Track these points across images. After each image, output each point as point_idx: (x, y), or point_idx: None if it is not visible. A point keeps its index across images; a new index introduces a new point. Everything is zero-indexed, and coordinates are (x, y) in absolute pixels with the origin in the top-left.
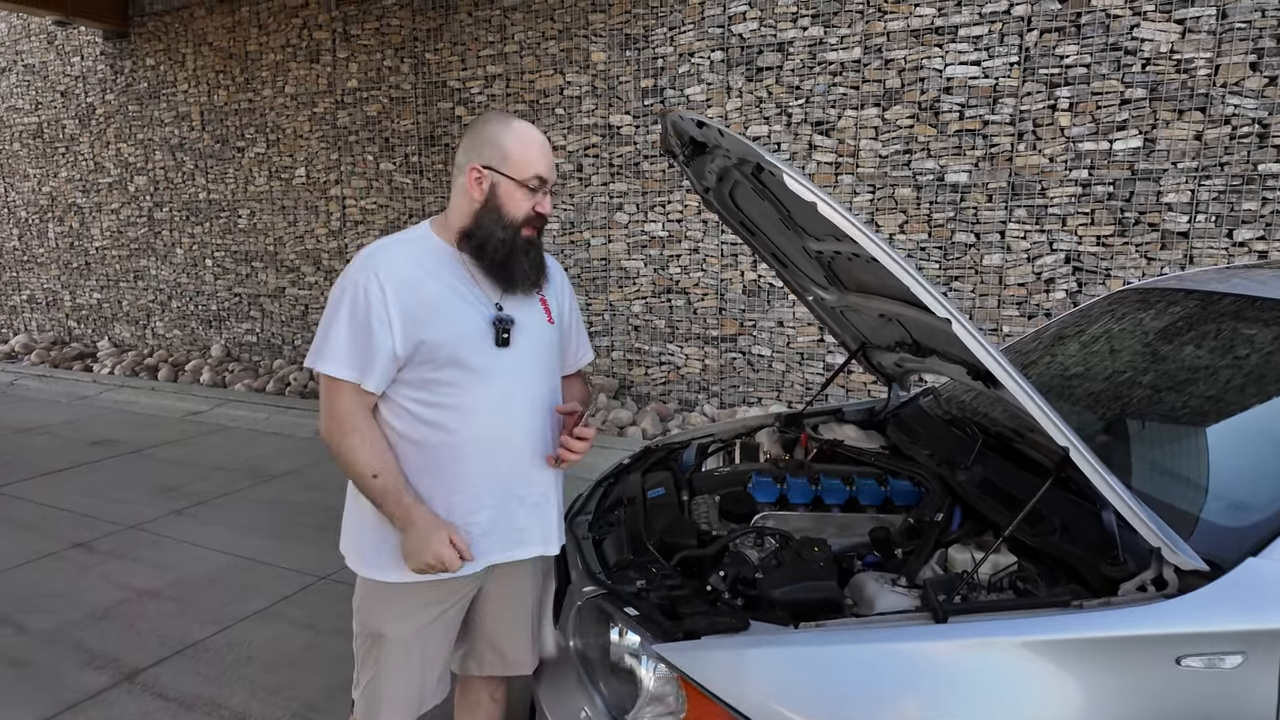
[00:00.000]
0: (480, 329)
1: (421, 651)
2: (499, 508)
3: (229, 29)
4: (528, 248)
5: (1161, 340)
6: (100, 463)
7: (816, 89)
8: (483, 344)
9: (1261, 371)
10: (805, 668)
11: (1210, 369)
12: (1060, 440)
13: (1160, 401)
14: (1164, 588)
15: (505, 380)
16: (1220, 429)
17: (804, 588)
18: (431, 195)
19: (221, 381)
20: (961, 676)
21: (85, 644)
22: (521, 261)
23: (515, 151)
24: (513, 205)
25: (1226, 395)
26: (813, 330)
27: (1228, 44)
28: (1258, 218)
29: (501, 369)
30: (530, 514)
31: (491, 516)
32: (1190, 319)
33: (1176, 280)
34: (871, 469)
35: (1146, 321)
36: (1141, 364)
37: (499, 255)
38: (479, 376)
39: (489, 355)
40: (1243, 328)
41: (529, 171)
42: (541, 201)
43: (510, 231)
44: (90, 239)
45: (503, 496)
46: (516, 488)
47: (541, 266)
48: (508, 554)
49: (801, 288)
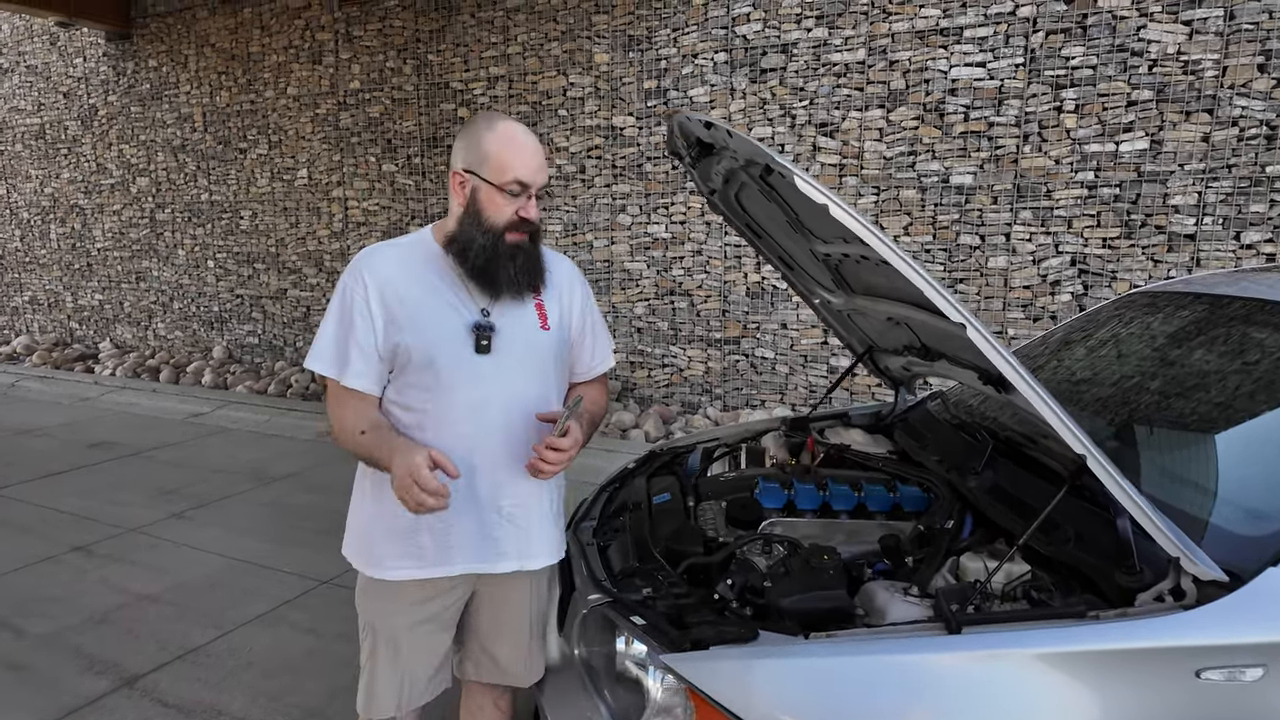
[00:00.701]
0: (459, 334)
1: (410, 647)
2: (474, 517)
3: (231, 30)
4: (514, 253)
5: (1171, 345)
6: (100, 465)
7: (821, 90)
8: (460, 350)
9: (1274, 377)
10: (816, 679)
11: (1221, 374)
12: (1077, 448)
13: (1170, 407)
14: (1182, 598)
15: (483, 388)
16: (1235, 435)
17: (814, 597)
18: (434, 197)
19: (223, 383)
20: (975, 689)
21: (84, 649)
22: (506, 267)
23: (494, 155)
24: (493, 210)
25: (1238, 401)
26: (816, 333)
27: (1235, 45)
28: (1265, 220)
29: (479, 376)
30: (508, 527)
31: (466, 525)
32: (1200, 323)
33: (1184, 284)
34: (879, 474)
35: (1155, 325)
36: (1150, 369)
37: (479, 261)
38: (454, 382)
39: (466, 362)
40: (1253, 331)
41: (507, 176)
42: (526, 206)
43: (491, 237)
44: (92, 240)
45: (478, 506)
46: (494, 498)
47: (534, 271)
48: (483, 566)
49: (808, 291)
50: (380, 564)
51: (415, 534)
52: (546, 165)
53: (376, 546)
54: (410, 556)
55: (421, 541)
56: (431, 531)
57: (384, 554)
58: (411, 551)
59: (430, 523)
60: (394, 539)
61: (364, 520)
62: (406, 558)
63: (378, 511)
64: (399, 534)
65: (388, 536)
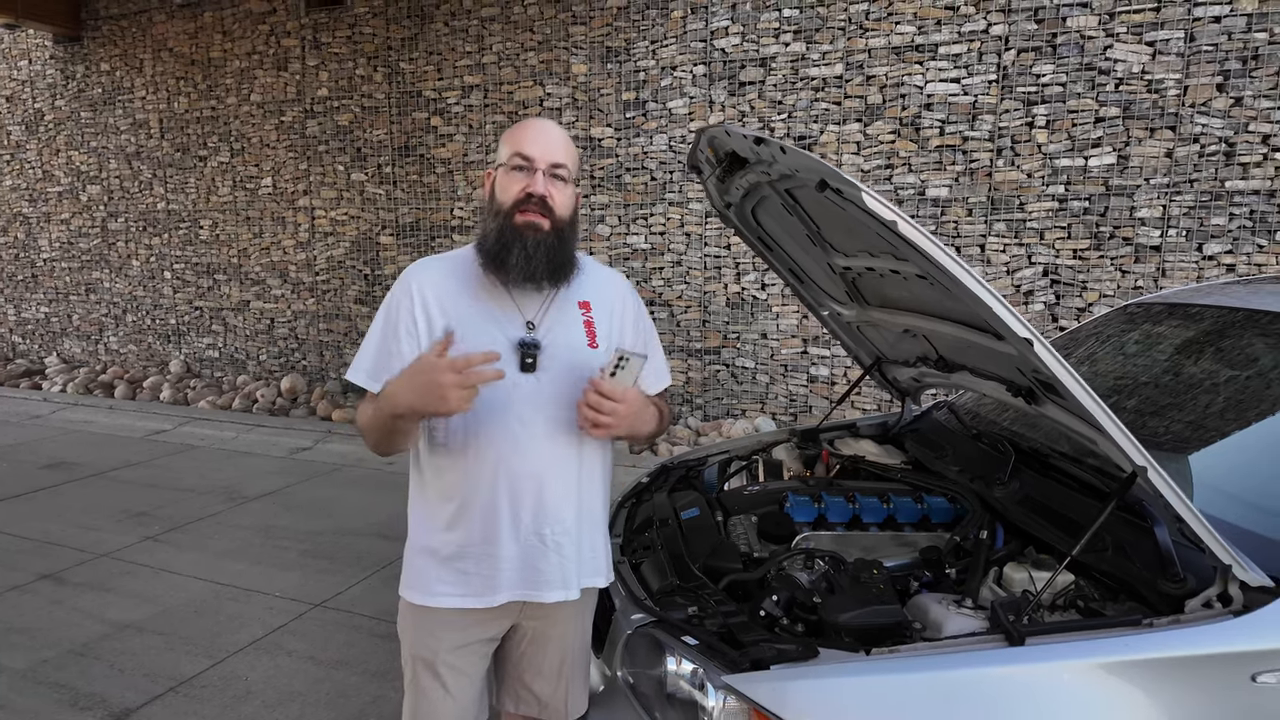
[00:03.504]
0: (502, 351)
1: (451, 677)
2: (517, 543)
3: (190, 35)
4: (523, 233)
5: (1184, 355)
6: (60, 487)
7: (799, 104)
8: (504, 368)
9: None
10: (884, 696)
11: (1236, 380)
12: (1138, 459)
13: (1190, 417)
14: (1229, 604)
15: (525, 408)
16: (1263, 441)
17: (871, 612)
18: (405, 206)
19: (183, 399)
20: (1042, 700)
21: (66, 683)
22: (514, 250)
23: (504, 142)
24: (502, 191)
25: (1263, 406)
26: (796, 343)
27: (1195, 66)
28: (1225, 232)
29: (522, 396)
30: (554, 556)
31: (509, 551)
32: (1211, 333)
33: (1174, 295)
34: (901, 486)
35: (1163, 335)
36: (1166, 380)
37: (489, 245)
38: (496, 401)
39: (509, 380)
40: (1256, 341)
41: (510, 152)
42: (532, 181)
43: (501, 219)
44: (37, 250)
45: (520, 532)
46: (537, 524)
47: (554, 263)
48: (528, 594)
49: (816, 303)
50: (425, 590)
51: (459, 560)
52: (567, 147)
53: (421, 573)
54: (454, 584)
55: (465, 568)
56: (475, 559)
57: (428, 580)
58: (457, 579)
59: (475, 550)
60: (438, 566)
61: (409, 546)
62: (451, 584)
63: (422, 537)
64: (443, 561)
65: (431, 563)
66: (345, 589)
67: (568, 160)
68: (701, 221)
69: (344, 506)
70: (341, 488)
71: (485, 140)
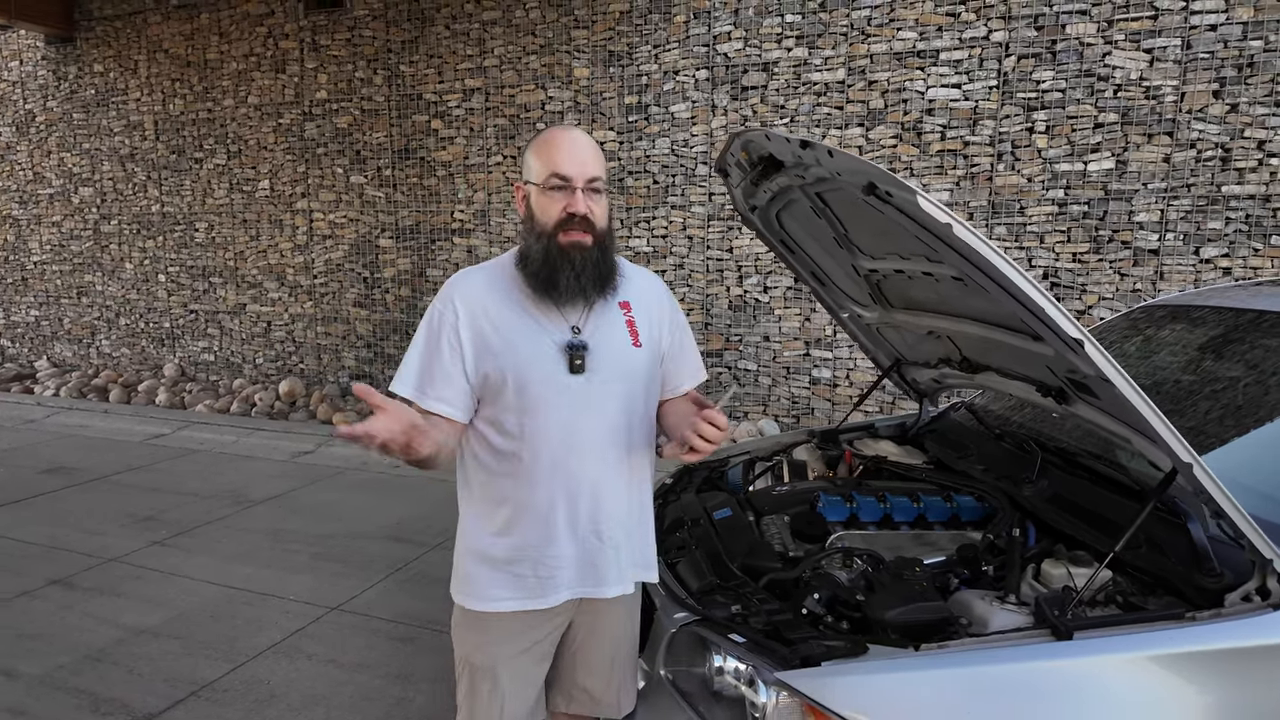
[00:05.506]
0: (551, 355)
1: (510, 680)
2: (575, 543)
3: (186, 36)
4: (569, 254)
5: (1206, 353)
6: (60, 491)
7: (801, 109)
8: (553, 371)
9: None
10: (936, 691)
11: (1259, 378)
12: (1185, 456)
13: (1217, 413)
14: (1268, 597)
15: (577, 409)
16: None
17: (918, 609)
18: (405, 209)
19: (180, 403)
20: (1092, 693)
21: (84, 688)
22: (564, 270)
23: (536, 158)
24: (541, 212)
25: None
26: (798, 345)
27: (1192, 73)
28: (1222, 236)
29: (573, 397)
30: (609, 551)
31: (568, 551)
32: (1229, 332)
33: (1193, 297)
34: (928, 485)
35: (1186, 335)
36: (1194, 375)
37: (535, 267)
38: (547, 404)
39: (559, 383)
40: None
41: (546, 172)
42: (572, 201)
43: (544, 240)
44: (28, 253)
45: (578, 531)
46: (592, 522)
47: (601, 276)
48: (585, 591)
49: (837, 305)
50: (480, 596)
51: (514, 564)
52: (597, 158)
53: (474, 578)
54: (511, 587)
55: (521, 571)
56: (532, 561)
57: (482, 585)
58: (512, 582)
59: (530, 552)
60: (491, 570)
61: (464, 550)
62: (506, 588)
63: (473, 543)
64: (497, 565)
65: (485, 568)
66: (360, 592)
67: (600, 171)
68: (704, 225)
69: (351, 510)
70: (347, 491)
71: (486, 143)
